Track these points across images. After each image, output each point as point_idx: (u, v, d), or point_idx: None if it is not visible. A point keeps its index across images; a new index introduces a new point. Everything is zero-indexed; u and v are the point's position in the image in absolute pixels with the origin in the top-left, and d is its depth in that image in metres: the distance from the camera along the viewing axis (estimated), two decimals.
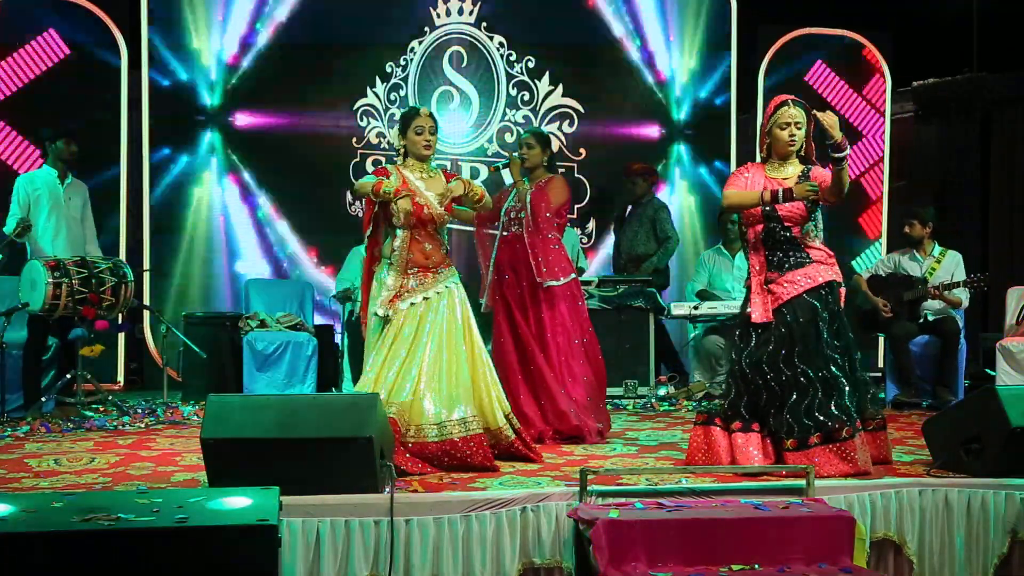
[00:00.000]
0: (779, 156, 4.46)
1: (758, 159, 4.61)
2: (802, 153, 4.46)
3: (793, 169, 4.42)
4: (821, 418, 4.23)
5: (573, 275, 5.48)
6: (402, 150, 4.70)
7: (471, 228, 6.11)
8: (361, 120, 8.20)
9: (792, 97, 4.45)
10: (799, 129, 4.39)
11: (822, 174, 4.35)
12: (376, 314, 4.53)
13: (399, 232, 4.59)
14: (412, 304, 4.50)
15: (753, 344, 4.37)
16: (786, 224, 4.37)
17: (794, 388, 4.27)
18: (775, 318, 4.33)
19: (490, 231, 5.58)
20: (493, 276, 5.46)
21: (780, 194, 4.29)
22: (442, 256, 4.64)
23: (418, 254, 4.56)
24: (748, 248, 4.49)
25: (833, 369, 4.28)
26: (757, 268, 4.42)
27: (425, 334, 4.48)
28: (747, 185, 4.43)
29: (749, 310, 4.40)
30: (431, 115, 4.69)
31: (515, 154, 5.50)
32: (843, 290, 4.51)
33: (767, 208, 4.34)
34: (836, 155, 4.14)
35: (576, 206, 8.47)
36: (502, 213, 5.51)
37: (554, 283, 5.35)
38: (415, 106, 4.77)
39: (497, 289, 5.47)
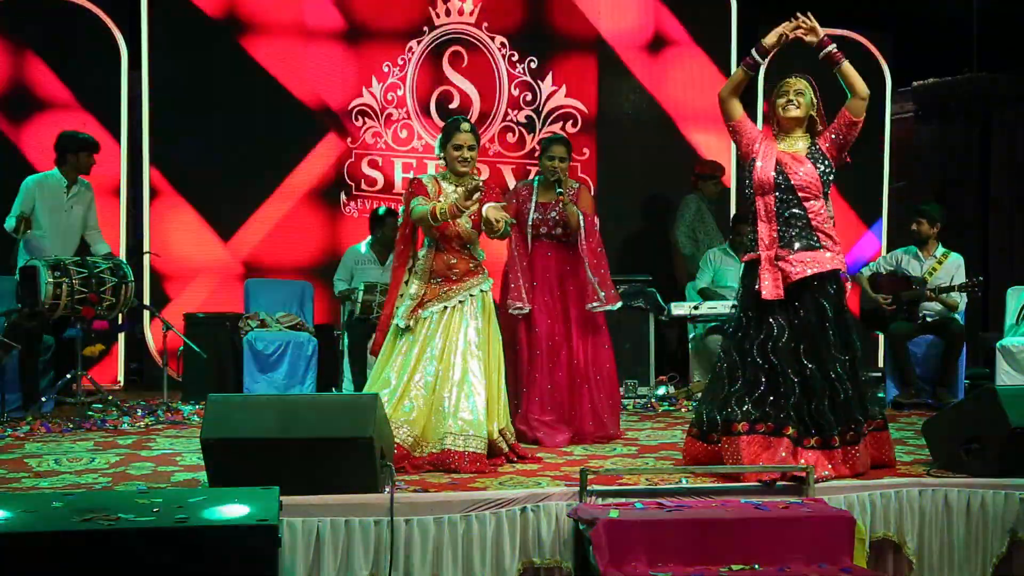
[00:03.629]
0: (783, 129, 4.39)
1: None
2: (819, 128, 4.37)
3: (803, 144, 4.34)
4: (826, 420, 4.17)
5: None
6: (443, 162, 4.65)
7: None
8: (356, 120, 8.17)
9: (798, 71, 4.40)
10: (798, 95, 4.32)
11: (827, 139, 4.32)
12: (398, 324, 4.53)
13: (426, 241, 4.63)
14: (432, 313, 4.51)
15: (764, 334, 4.20)
16: (800, 194, 4.25)
17: (807, 386, 4.18)
18: (784, 310, 4.21)
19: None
20: (525, 283, 5.28)
21: (757, 50, 4.29)
22: (468, 267, 4.60)
23: (440, 265, 4.57)
24: (757, 219, 4.31)
25: (839, 369, 4.22)
26: (767, 242, 4.26)
27: (440, 346, 4.47)
28: (751, 130, 4.39)
29: (758, 287, 4.21)
30: (472, 131, 4.61)
31: (548, 170, 5.31)
32: (849, 283, 4.43)
33: (777, 177, 4.23)
34: (822, 55, 4.23)
35: None
36: (528, 225, 5.32)
37: (610, 308, 5.31)
38: (458, 118, 4.68)
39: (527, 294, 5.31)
